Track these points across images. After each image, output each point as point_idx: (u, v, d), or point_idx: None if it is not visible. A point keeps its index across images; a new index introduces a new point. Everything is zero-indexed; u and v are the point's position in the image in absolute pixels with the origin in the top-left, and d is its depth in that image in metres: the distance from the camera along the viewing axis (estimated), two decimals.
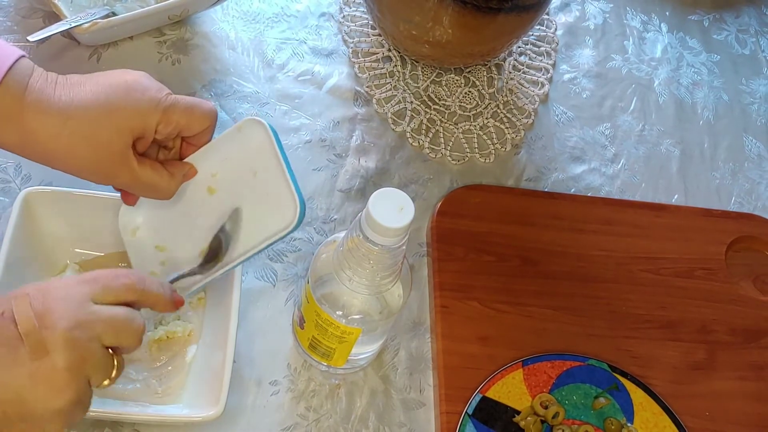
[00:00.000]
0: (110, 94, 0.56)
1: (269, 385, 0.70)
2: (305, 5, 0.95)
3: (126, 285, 0.53)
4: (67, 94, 0.55)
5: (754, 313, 0.83)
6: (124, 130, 0.56)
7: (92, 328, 0.50)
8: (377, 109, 0.89)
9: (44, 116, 0.54)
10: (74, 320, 0.49)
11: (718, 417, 0.75)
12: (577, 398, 0.73)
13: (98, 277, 0.53)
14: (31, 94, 0.54)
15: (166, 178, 0.60)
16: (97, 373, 0.51)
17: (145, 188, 0.60)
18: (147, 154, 0.61)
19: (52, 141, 0.55)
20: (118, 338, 0.52)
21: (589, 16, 1.05)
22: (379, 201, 0.55)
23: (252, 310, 0.73)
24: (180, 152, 0.63)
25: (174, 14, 0.83)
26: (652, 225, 0.86)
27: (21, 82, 0.54)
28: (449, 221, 0.81)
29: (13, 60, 0.54)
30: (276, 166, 0.60)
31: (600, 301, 0.80)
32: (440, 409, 0.70)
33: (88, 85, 0.56)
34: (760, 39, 1.10)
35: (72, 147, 0.55)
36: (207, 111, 0.60)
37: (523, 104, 0.93)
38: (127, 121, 0.56)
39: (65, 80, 0.56)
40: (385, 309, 0.63)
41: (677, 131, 0.98)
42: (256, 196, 0.61)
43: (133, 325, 0.53)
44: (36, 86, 0.54)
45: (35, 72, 0.55)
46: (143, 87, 0.57)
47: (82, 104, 0.55)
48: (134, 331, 0.53)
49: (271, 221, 0.59)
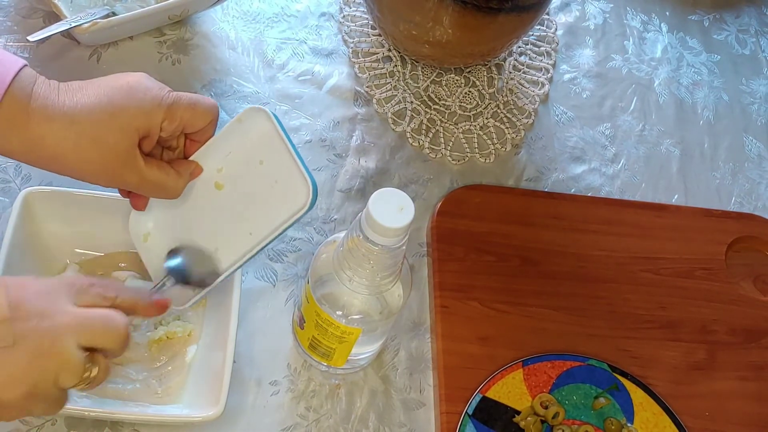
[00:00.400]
0: (113, 96, 0.56)
1: (269, 385, 0.70)
2: (305, 5, 0.95)
3: (99, 294, 0.53)
4: (71, 99, 0.56)
5: (754, 313, 0.83)
6: (129, 130, 0.57)
7: (64, 325, 0.49)
8: (377, 109, 0.89)
9: (50, 122, 0.55)
10: (47, 316, 0.49)
11: (718, 417, 0.75)
12: (577, 398, 0.73)
13: (75, 281, 0.53)
14: (36, 101, 0.55)
15: (174, 177, 0.61)
16: (64, 373, 0.50)
17: (153, 188, 0.60)
18: (152, 155, 0.61)
19: (58, 146, 0.55)
20: (95, 340, 0.51)
21: (589, 16, 1.05)
22: (379, 201, 0.55)
23: (252, 310, 0.73)
24: (184, 151, 0.63)
25: (174, 14, 0.83)
26: (652, 225, 0.86)
27: (25, 90, 0.54)
28: (449, 221, 0.81)
29: (17, 69, 0.54)
30: (282, 151, 0.60)
31: (600, 301, 0.80)
32: (440, 409, 0.70)
33: (91, 89, 0.57)
34: (760, 39, 1.10)
35: (79, 151, 0.56)
36: (209, 106, 0.60)
37: (523, 104, 0.93)
38: (132, 121, 0.56)
39: (67, 86, 0.57)
40: (385, 309, 0.63)
41: (677, 131, 0.98)
42: (265, 185, 0.61)
43: (112, 327, 0.52)
44: (40, 93, 0.55)
45: (38, 79, 0.56)
46: (145, 87, 0.58)
47: (87, 107, 0.55)
48: (114, 334, 0.52)
49: (284, 206, 0.59)
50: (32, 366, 0.48)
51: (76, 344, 0.50)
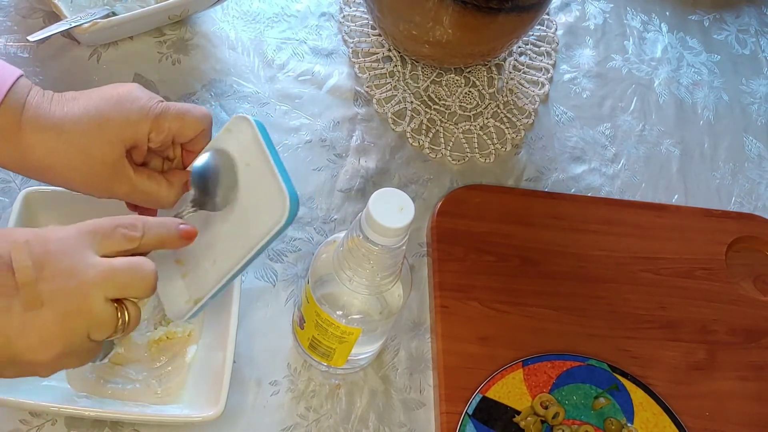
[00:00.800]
0: (101, 107, 0.56)
1: (269, 385, 0.70)
2: (305, 5, 0.95)
3: (125, 235, 0.52)
4: (61, 110, 0.56)
5: (754, 313, 0.83)
6: (115, 141, 0.56)
7: (91, 282, 0.49)
8: (377, 109, 0.89)
9: (40, 132, 0.55)
10: (72, 274, 0.49)
11: (718, 417, 0.75)
12: (577, 398, 0.73)
13: (97, 228, 0.52)
14: (28, 112, 0.55)
15: (165, 187, 0.60)
16: (97, 328, 0.50)
17: (145, 197, 0.60)
18: (153, 166, 0.61)
19: (48, 157, 0.55)
20: (124, 290, 0.50)
21: (589, 16, 1.05)
22: (379, 201, 0.55)
23: (252, 310, 0.73)
24: (182, 161, 0.63)
25: (174, 14, 0.83)
26: (652, 225, 0.86)
27: (19, 101, 0.55)
28: (449, 221, 0.81)
29: (13, 80, 0.55)
30: (262, 161, 0.58)
31: (600, 301, 0.80)
32: (440, 409, 0.70)
33: (82, 99, 0.57)
34: (760, 39, 1.10)
35: (67, 161, 0.56)
36: (199, 116, 0.60)
37: (523, 104, 0.93)
38: (117, 132, 0.56)
39: (61, 96, 0.57)
40: (385, 309, 0.63)
41: (677, 131, 0.98)
42: (249, 196, 0.59)
43: (140, 274, 0.51)
44: (32, 103, 0.55)
45: (32, 90, 0.56)
46: (134, 97, 0.57)
47: (75, 118, 0.56)
48: (142, 280, 0.51)
49: (263, 219, 0.57)
50: (63, 327, 0.48)
51: (104, 298, 0.50)
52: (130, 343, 0.67)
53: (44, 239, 0.50)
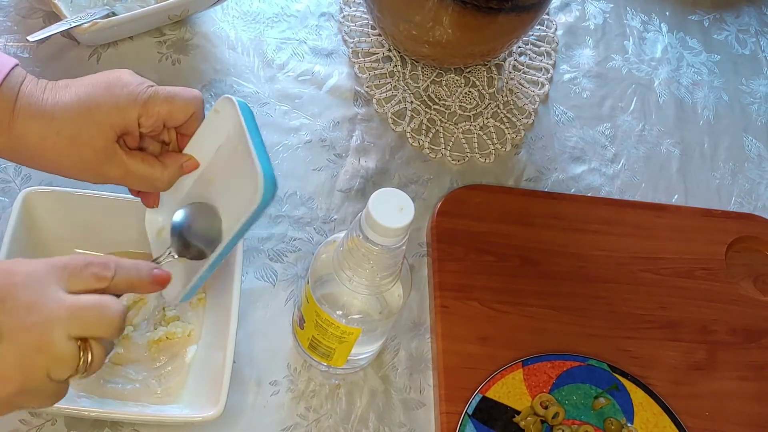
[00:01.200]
0: (91, 93, 0.56)
1: (269, 385, 0.70)
2: (305, 5, 0.95)
3: (95, 274, 0.50)
4: (53, 97, 0.56)
5: (754, 313, 0.83)
6: (104, 127, 0.56)
7: (55, 317, 0.47)
8: (377, 109, 0.89)
9: (32, 120, 0.55)
10: (35, 308, 0.47)
11: (718, 417, 0.75)
12: (577, 398, 0.73)
13: (67, 264, 0.50)
14: (21, 100, 0.55)
15: (159, 169, 0.60)
16: (56, 366, 0.48)
17: (139, 181, 0.60)
18: (150, 151, 0.61)
19: (40, 144, 0.55)
20: (89, 328, 0.48)
21: (589, 16, 1.05)
22: (379, 201, 0.55)
23: (252, 310, 0.73)
24: (178, 144, 0.62)
25: (174, 14, 0.83)
26: (652, 225, 0.86)
27: (13, 90, 0.55)
28: (449, 221, 0.81)
29: (8, 70, 0.55)
30: (243, 143, 0.57)
31: (600, 301, 0.80)
32: (440, 409, 0.70)
33: (74, 86, 0.57)
34: (760, 39, 1.10)
35: (58, 148, 0.56)
36: (189, 98, 0.59)
37: (523, 104, 0.93)
38: (106, 118, 0.56)
39: (54, 84, 0.57)
40: (385, 309, 0.63)
41: (677, 131, 0.98)
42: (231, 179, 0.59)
43: (106, 313, 0.49)
44: (26, 92, 0.55)
45: (26, 78, 0.56)
46: (123, 83, 0.57)
47: (65, 105, 0.56)
48: (108, 319, 0.49)
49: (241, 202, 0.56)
50: (21, 362, 0.46)
51: (67, 336, 0.48)
52: (130, 343, 0.67)
53: (10, 272, 0.48)
